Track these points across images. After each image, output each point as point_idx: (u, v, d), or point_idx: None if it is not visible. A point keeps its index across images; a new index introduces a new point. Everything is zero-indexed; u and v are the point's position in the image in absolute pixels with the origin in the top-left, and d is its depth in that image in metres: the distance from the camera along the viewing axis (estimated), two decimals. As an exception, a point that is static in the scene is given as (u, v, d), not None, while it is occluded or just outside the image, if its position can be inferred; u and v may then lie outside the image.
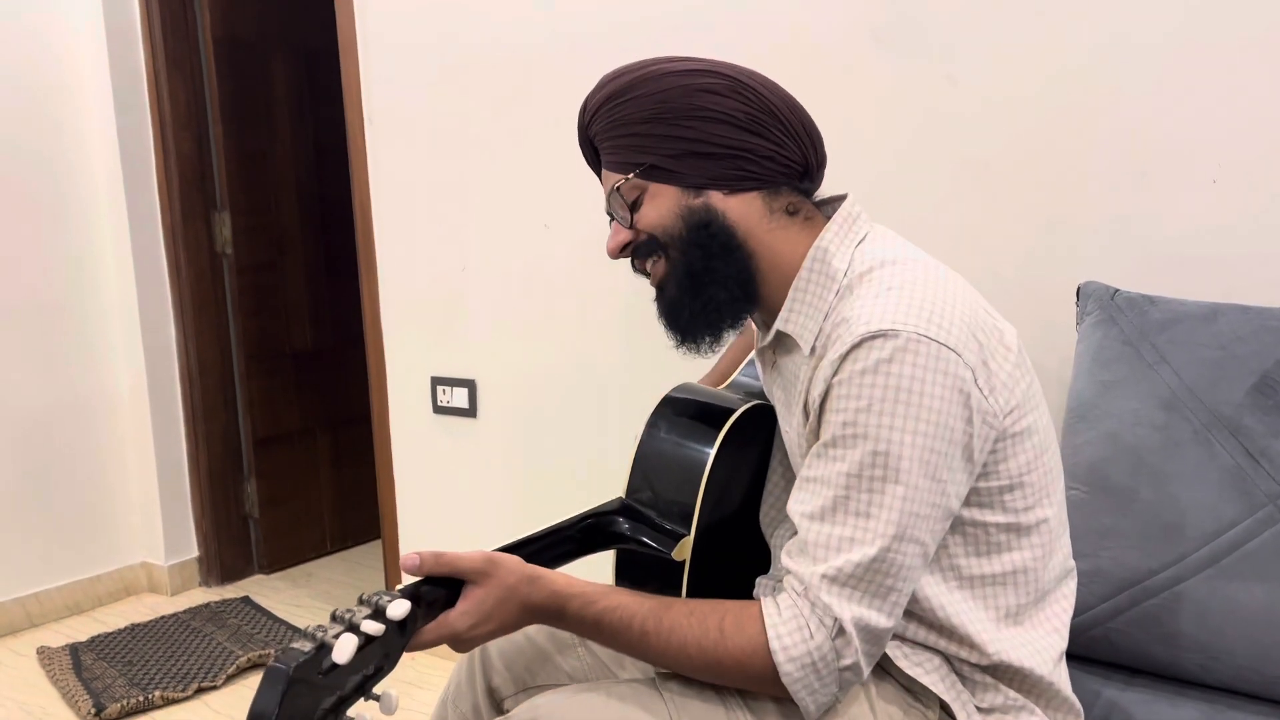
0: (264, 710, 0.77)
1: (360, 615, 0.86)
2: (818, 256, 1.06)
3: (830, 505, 0.94)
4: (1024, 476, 1.01)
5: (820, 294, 1.04)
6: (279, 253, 3.28)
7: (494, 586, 0.97)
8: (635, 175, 1.07)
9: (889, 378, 0.92)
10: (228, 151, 3.10)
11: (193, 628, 2.79)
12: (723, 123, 1.04)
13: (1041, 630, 1.05)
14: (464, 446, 2.48)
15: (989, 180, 1.67)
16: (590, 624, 1.00)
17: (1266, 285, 1.41)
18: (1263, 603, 1.14)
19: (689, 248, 1.06)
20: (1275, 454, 1.16)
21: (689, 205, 1.06)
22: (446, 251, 2.43)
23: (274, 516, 3.29)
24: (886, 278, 1.00)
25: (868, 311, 0.96)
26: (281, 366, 3.31)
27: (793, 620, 0.93)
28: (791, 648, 0.93)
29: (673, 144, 1.04)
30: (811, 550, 0.95)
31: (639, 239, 1.09)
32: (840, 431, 0.94)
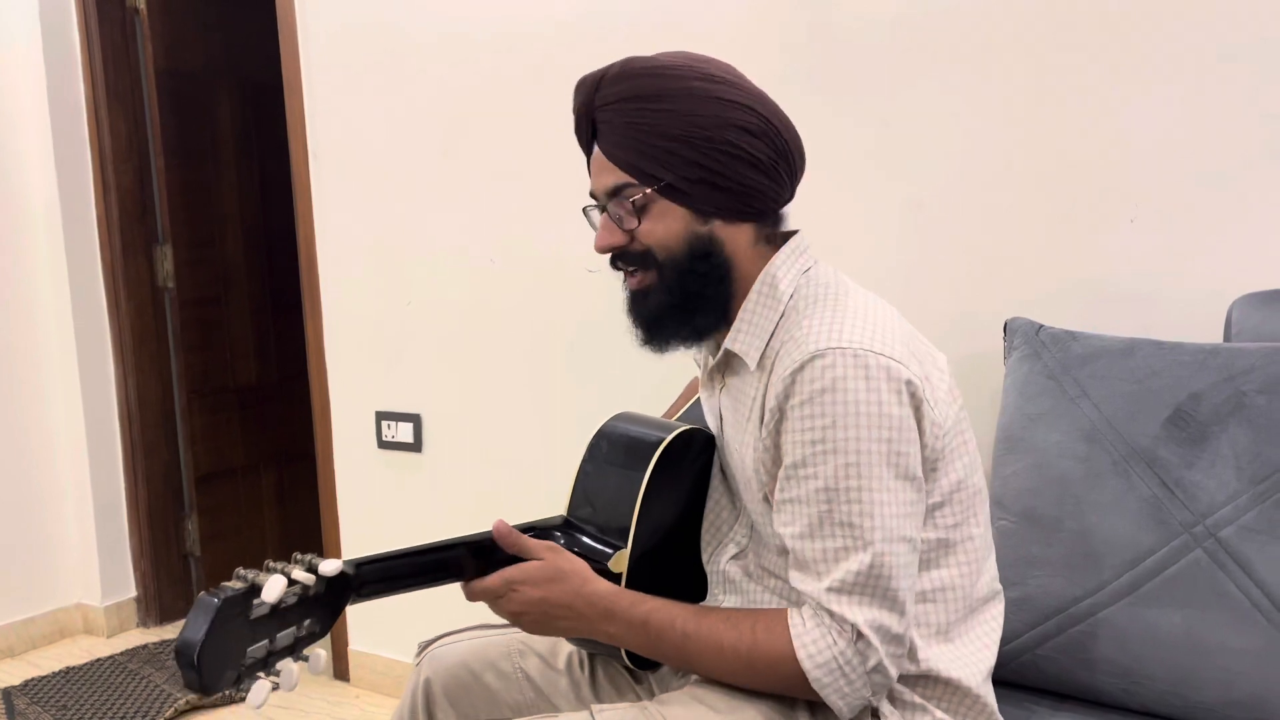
0: (191, 638, 0.80)
1: (293, 567, 0.89)
2: (766, 279, 1.10)
3: (816, 522, 0.99)
4: (954, 494, 1.06)
5: (766, 315, 1.09)
6: (223, 287, 3.25)
7: (549, 564, 1.05)
8: (652, 189, 1.06)
9: (845, 393, 0.97)
10: (170, 185, 3.07)
11: (129, 670, 2.73)
12: (748, 163, 1.06)
13: (971, 646, 1.08)
14: (409, 481, 2.48)
15: (921, 220, 1.72)
16: (639, 622, 1.04)
17: (1180, 321, 1.47)
18: (1181, 629, 1.18)
19: (687, 274, 1.08)
20: (1189, 484, 1.20)
21: (696, 232, 1.08)
22: (391, 286, 2.43)
23: (216, 554, 3.23)
24: (830, 301, 1.06)
25: (815, 331, 1.01)
26: (225, 402, 3.27)
27: (816, 629, 0.98)
28: (816, 655, 0.97)
29: (694, 169, 1.05)
30: (812, 567, 0.99)
31: (633, 247, 1.09)
32: (809, 450, 0.98)
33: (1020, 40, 1.60)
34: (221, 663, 0.82)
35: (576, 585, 1.04)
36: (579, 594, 1.04)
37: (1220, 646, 1.16)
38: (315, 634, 0.92)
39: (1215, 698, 1.17)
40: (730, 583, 1.18)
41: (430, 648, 1.31)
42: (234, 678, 0.84)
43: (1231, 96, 1.46)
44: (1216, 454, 1.19)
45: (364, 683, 2.62)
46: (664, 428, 1.21)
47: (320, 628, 0.93)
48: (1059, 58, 1.57)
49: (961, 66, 1.65)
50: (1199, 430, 1.21)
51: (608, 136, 1.07)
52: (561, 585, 1.04)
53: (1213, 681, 1.16)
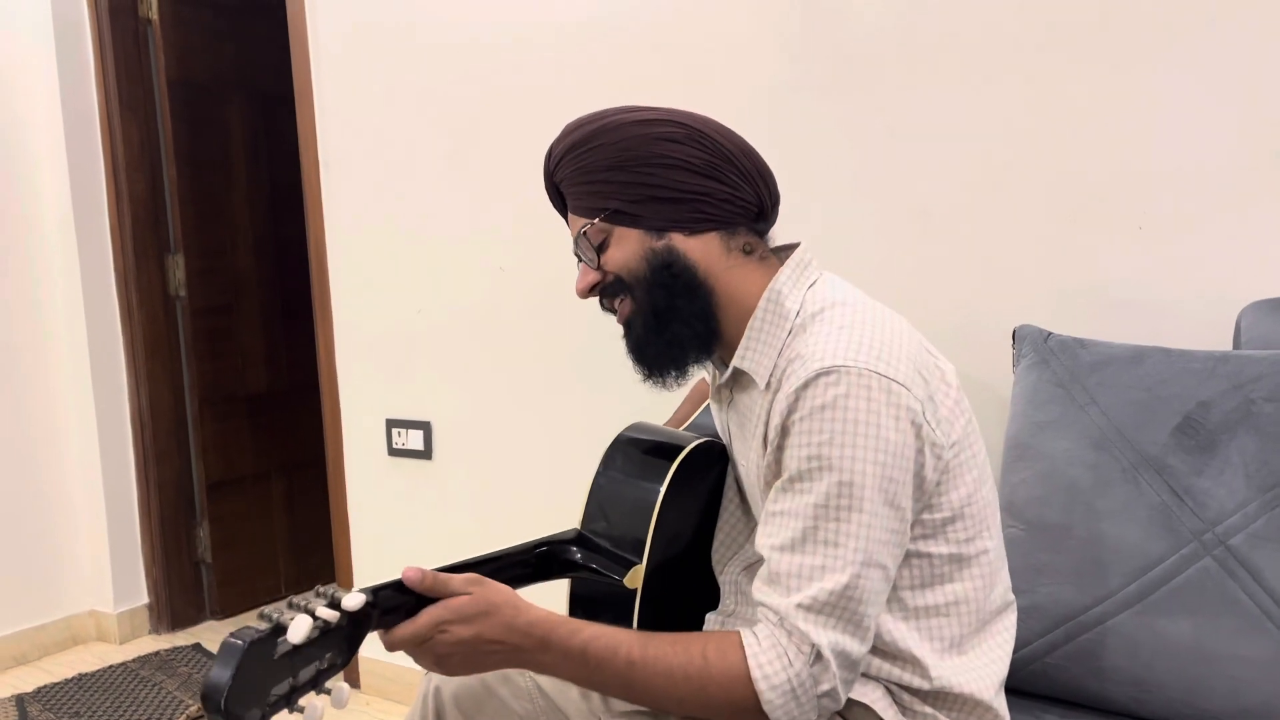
0: (217, 682, 0.79)
1: (316, 603, 0.89)
2: (772, 297, 1.11)
3: (800, 536, 0.98)
4: (965, 508, 1.05)
5: (774, 332, 1.09)
6: (234, 296, 3.27)
7: (477, 599, 0.95)
8: (601, 220, 1.11)
9: (847, 411, 0.97)
10: (182, 194, 3.09)
11: (141, 677, 2.74)
12: (682, 169, 1.09)
13: (984, 659, 1.08)
14: (420, 489, 2.48)
15: (929, 227, 1.73)
16: (576, 653, 0.97)
17: (1189, 329, 1.47)
18: (1190, 637, 1.18)
19: (653, 287, 1.11)
20: (1198, 492, 1.20)
21: (652, 247, 1.11)
22: (402, 294, 2.44)
23: (227, 561, 3.25)
24: (837, 318, 1.05)
25: (821, 348, 1.01)
26: (236, 410, 3.29)
27: (772, 649, 0.96)
28: (772, 675, 0.95)
29: (635, 190, 1.09)
30: (784, 581, 0.98)
31: (606, 280, 1.14)
32: (805, 465, 0.98)
33: (1028, 46, 1.61)
34: (247, 704, 0.81)
35: (509, 617, 0.96)
36: (512, 626, 0.96)
37: (1230, 655, 1.16)
38: (336, 665, 0.91)
39: (1225, 706, 1.17)
40: (743, 593, 1.19)
41: None
42: (259, 716, 0.83)
43: (1242, 103, 1.46)
44: (1226, 462, 1.19)
45: (374, 689, 2.63)
46: (679, 440, 1.21)
47: (341, 659, 0.91)
48: (1067, 64, 1.58)
49: (969, 74, 1.66)
50: (1208, 438, 1.21)
51: (567, 194, 1.15)
52: (493, 619, 0.96)
53: (1223, 690, 1.16)
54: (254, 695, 0.82)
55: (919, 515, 1.04)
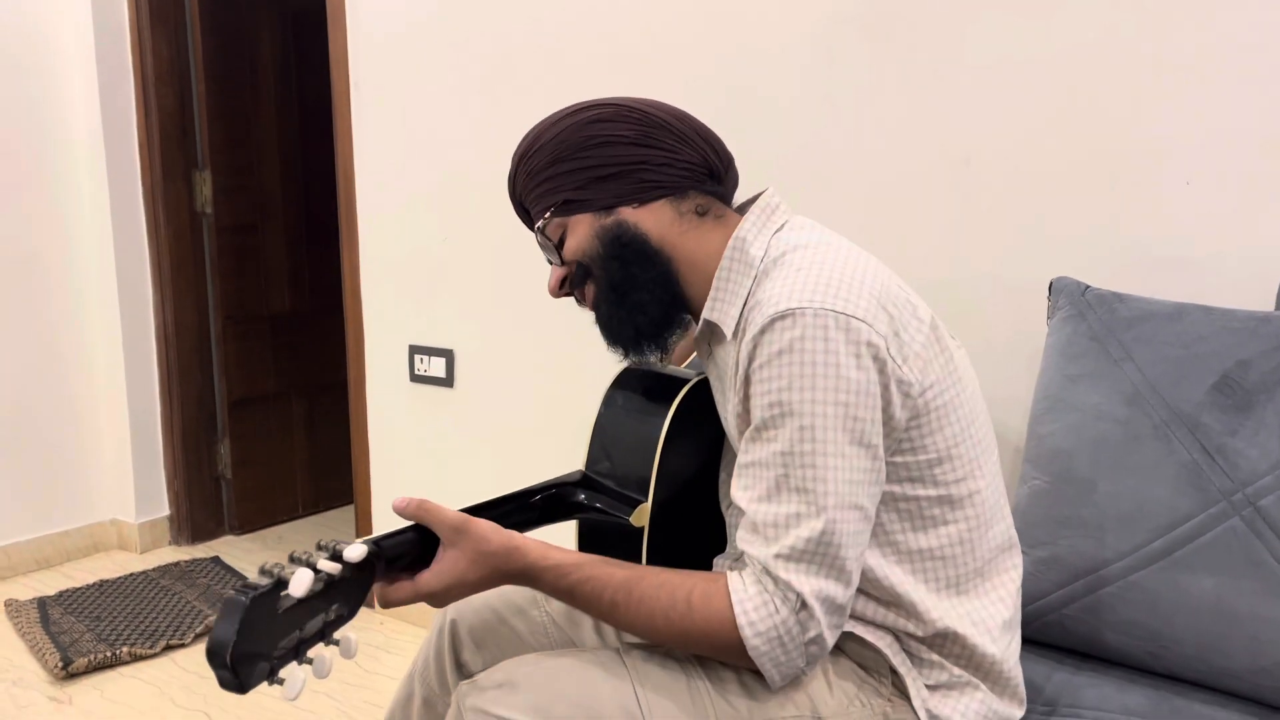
0: (223, 639, 0.79)
1: (318, 556, 0.89)
2: (736, 245, 1.11)
3: (773, 486, 0.98)
4: (952, 449, 1.04)
5: (740, 281, 1.10)
6: (260, 215, 3.26)
7: (468, 550, 1.01)
8: (552, 214, 1.15)
9: (804, 354, 0.96)
10: (210, 110, 3.07)
11: (162, 586, 2.80)
12: (614, 144, 1.12)
13: (985, 600, 1.08)
14: (440, 415, 2.50)
15: (969, 176, 1.69)
16: (564, 594, 1.04)
17: (1231, 287, 1.45)
18: (1212, 595, 1.18)
19: (608, 261, 1.13)
20: (1231, 451, 1.19)
21: (602, 225, 1.13)
22: (428, 222, 2.43)
23: (247, 478, 3.29)
24: (797, 260, 1.04)
25: (777, 293, 1.00)
26: (259, 330, 3.30)
27: (758, 596, 0.97)
28: (758, 623, 0.96)
29: (576, 176, 1.12)
30: (762, 531, 0.98)
31: (570, 271, 1.17)
32: (767, 413, 0.98)
33: (1084, -8, 1.56)
34: (254, 659, 0.81)
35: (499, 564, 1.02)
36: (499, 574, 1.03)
37: (1251, 614, 1.15)
38: (344, 616, 0.92)
39: (1243, 665, 1.17)
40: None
41: None
42: (266, 670, 0.84)
43: (1300, 59, 1.42)
44: (1261, 422, 1.18)
45: (388, 610, 2.67)
46: (679, 378, 1.21)
47: (348, 610, 0.93)
48: (1121, 11, 1.53)
49: (1021, 13, 1.61)
50: (1245, 398, 1.20)
51: (529, 205, 1.18)
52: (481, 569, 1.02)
53: (1241, 649, 1.16)
54: (260, 649, 0.82)
55: (898, 458, 1.03)
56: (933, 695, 1.07)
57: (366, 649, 2.48)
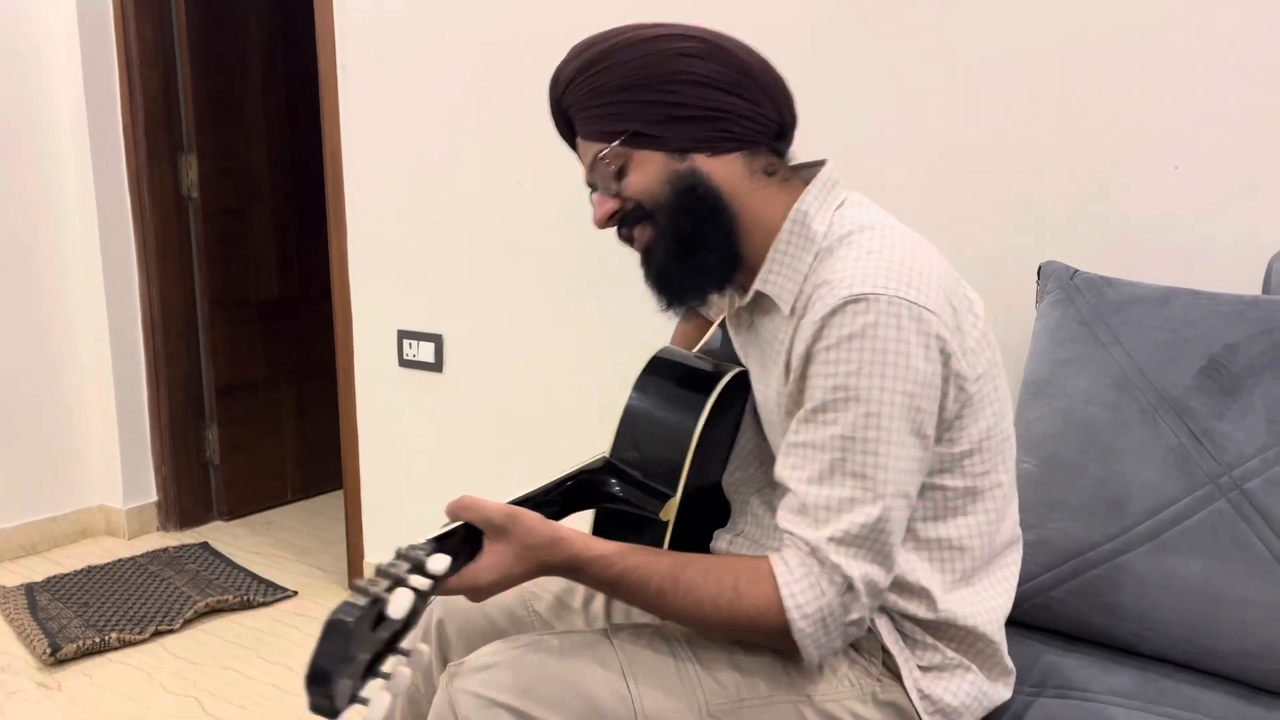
0: (328, 666, 0.75)
1: (403, 569, 0.86)
2: (797, 219, 1.07)
3: (828, 468, 0.97)
4: (984, 442, 1.04)
5: (799, 255, 1.06)
6: (247, 200, 3.24)
7: (514, 543, 0.99)
8: (619, 143, 1.06)
9: (875, 340, 0.95)
10: (196, 93, 3.05)
11: (150, 571, 2.79)
12: (703, 85, 1.05)
13: (990, 592, 1.09)
14: (428, 401, 2.49)
15: (962, 159, 1.69)
16: (608, 585, 1.01)
17: (1219, 271, 1.45)
18: (1198, 577, 1.19)
19: (678, 213, 1.07)
20: (1217, 435, 1.20)
21: (675, 170, 1.06)
22: (417, 205, 2.42)
23: (235, 464, 3.28)
24: (865, 242, 1.02)
25: (849, 274, 0.98)
26: (247, 315, 3.29)
27: (804, 579, 0.96)
28: (805, 605, 0.96)
29: (655, 109, 1.05)
30: (813, 513, 0.97)
31: (625, 207, 1.09)
32: (830, 396, 0.96)
33: (1074, -24, 1.56)
34: (347, 681, 0.78)
35: (545, 557, 1.00)
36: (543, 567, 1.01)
37: (1238, 597, 1.16)
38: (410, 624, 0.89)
39: (1229, 647, 1.18)
40: (754, 515, 1.19)
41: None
42: (351, 690, 0.80)
43: (1290, 43, 1.42)
44: (1248, 406, 1.18)
45: (378, 596, 2.67)
46: (715, 370, 1.18)
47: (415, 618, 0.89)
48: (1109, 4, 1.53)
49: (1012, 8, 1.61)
50: (1232, 381, 1.20)
51: (578, 120, 1.09)
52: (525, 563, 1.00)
53: (1228, 631, 1.17)
54: (350, 670, 0.79)
55: (936, 448, 1.03)
56: (925, 676, 1.07)
57: (356, 634, 2.48)
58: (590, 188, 1.12)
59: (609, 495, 1.16)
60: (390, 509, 2.63)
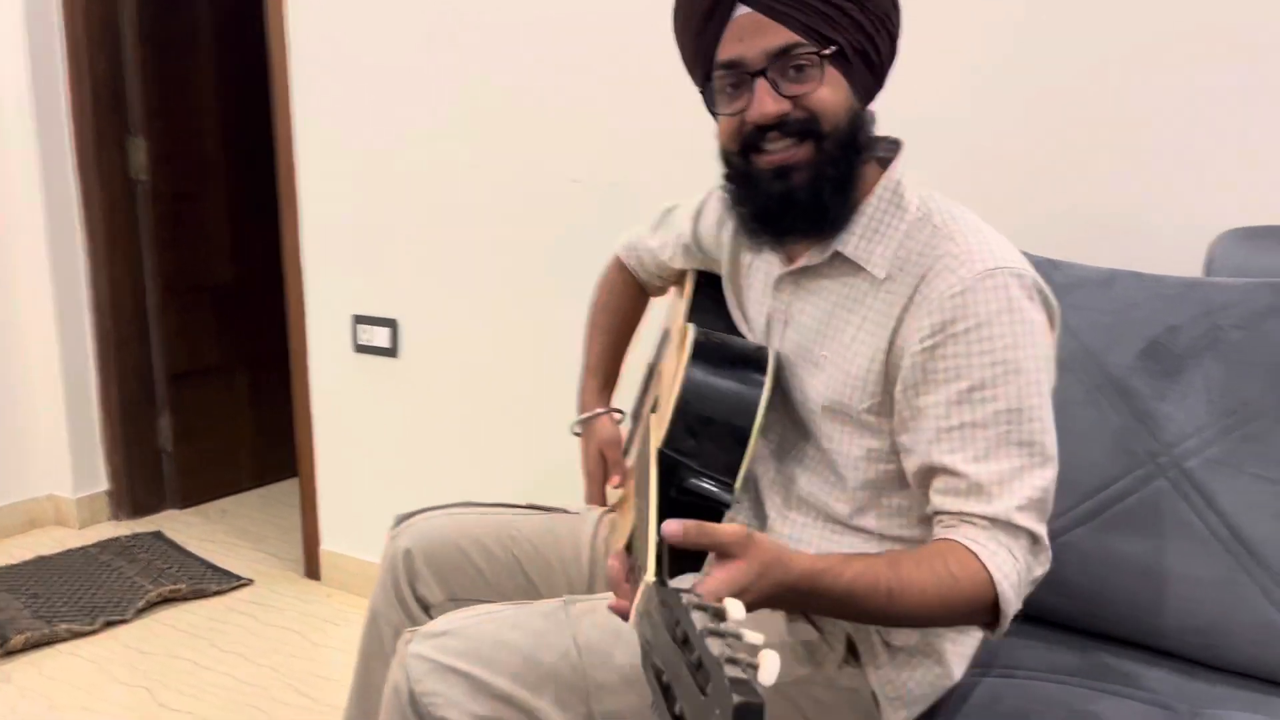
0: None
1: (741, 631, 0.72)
2: (889, 186, 1.08)
3: (993, 444, 0.97)
4: None
5: (892, 223, 1.06)
6: (199, 183, 3.19)
7: (751, 561, 0.88)
8: (830, 52, 1.00)
9: (1022, 313, 0.98)
10: (145, 74, 2.99)
11: (101, 561, 2.75)
12: (892, 40, 1.06)
13: None
14: (384, 386, 2.47)
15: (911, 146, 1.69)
16: (843, 594, 0.93)
17: (1164, 253, 1.47)
18: (1140, 556, 1.21)
19: (847, 147, 1.04)
20: (1159, 416, 1.21)
21: (853, 105, 1.04)
22: (371, 187, 2.39)
23: (189, 451, 3.24)
24: (969, 221, 1.05)
25: (975, 250, 1.00)
26: (200, 301, 3.24)
27: (1000, 549, 0.96)
28: (1011, 574, 0.95)
29: (860, 37, 1.02)
30: (988, 488, 0.97)
31: (797, 115, 1.02)
32: (989, 372, 0.97)
33: (1024, -41, 1.57)
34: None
35: (779, 576, 0.90)
36: (782, 584, 0.90)
37: (1179, 574, 1.18)
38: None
39: (1172, 625, 1.20)
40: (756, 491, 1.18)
41: (408, 520, 1.30)
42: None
43: (1230, 28, 1.43)
44: (1189, 387, 1.20)
45: (335, 582, 2.65)
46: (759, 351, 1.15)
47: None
48: (1062, -21, 1.54)
49: (962, -16, 1.62)
50: (1174, 363, 1.22)
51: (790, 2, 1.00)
52: (765, 580, 0.89)
53: (1171, 608, 1.19)
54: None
55: None
56: (891, 661, 1.08)
57: (312, 621, 2.46)
58: (728, 68, 1.03)
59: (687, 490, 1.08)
60: (346, 496, 2.61)
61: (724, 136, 1.08)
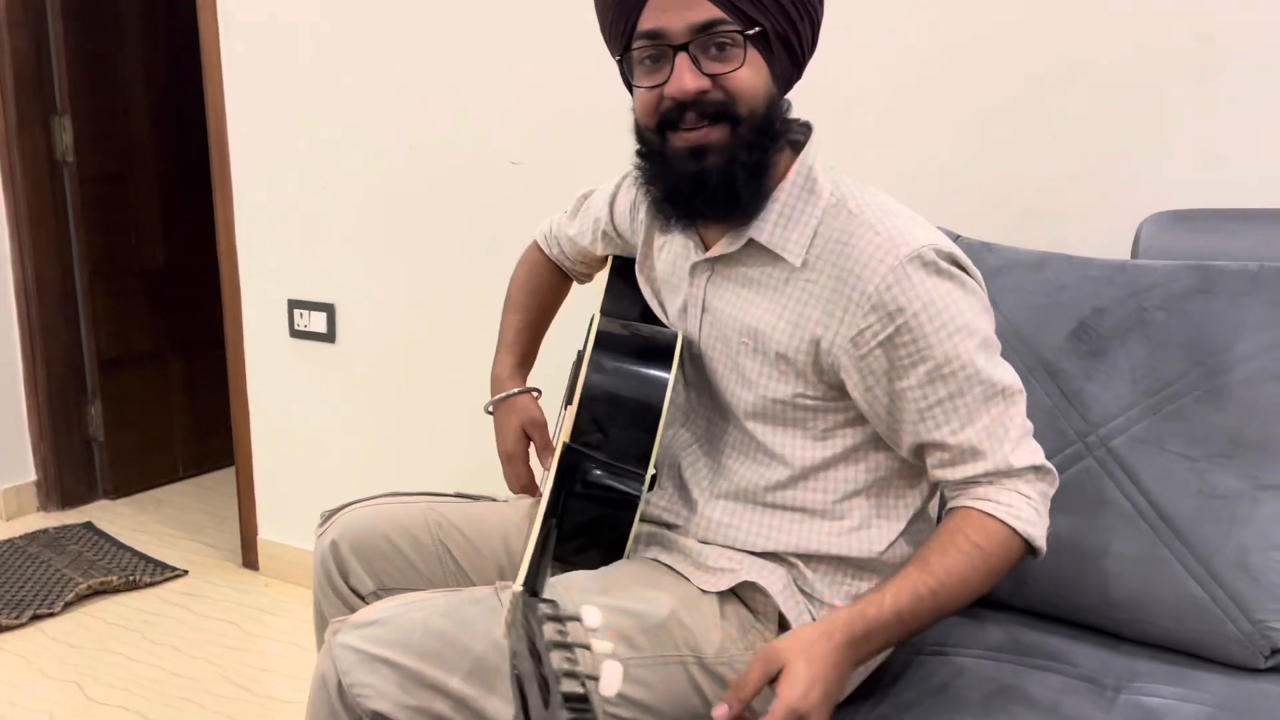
0: None
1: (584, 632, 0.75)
2: (803, 171, 1.07)
3: (974, 407, 1.01)
4: None
5: (807, 210, 1.06)
6: (128, 164, 3.10)
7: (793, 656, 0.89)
8: (753, 33, 0.99)
9: (955, 279, 1.01)
10: (69, 52, 2.89)
11: (29, 554, 2.67)
12: (815, 28, 1.06)
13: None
14: (322, 372, 2.43)
15: (848, 127, 1.70)
16: (892, 620, 0.94)
17: (1094, 236, 1.50)
18: (1067, 533, 1.22)
19: (763, 133, 1.02)
20: (1087, 396, 1.23)
21: (772, 90, 1.04)
22: (306, 169, 2.34)
23: (121, 440, 3.16)
24: (882, 203, 1.06)
25: (897, 233, 1.01)
26: (130, 286, 3.15)
27: (1011, 496, 1.00)
28: (1029, 516, 1.00)
29: (783, 22, 1.01)
30: (980, 448, 1.01)
31: (715, 96, 1.00)
32: (948, 345, 1.00)
33: (958, -56, 1.58)
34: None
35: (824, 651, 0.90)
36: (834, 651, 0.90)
37: (1103, 551, 1.20)
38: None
39: (1096, 600, 1.22)
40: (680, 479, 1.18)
41: (334, 516, 1.28)
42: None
43: (1164, 14, 1.46)
44: (1114, 367, 1.22)
45: (272, 572, 2.61)
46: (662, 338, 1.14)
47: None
48: (995, -36, 1.55)
49: (898, -32, 1.62)
50: (1100, 344, 1.24)
51: None
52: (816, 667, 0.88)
53: (1094, 584, 1.21)
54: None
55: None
56: None
57: (249, 611, 2.42)
58: (649, 39, 1.01)
59: (591, 483, 1.09)
60: (284, 484, 2.56)
61: (640, 111, 1.05)
